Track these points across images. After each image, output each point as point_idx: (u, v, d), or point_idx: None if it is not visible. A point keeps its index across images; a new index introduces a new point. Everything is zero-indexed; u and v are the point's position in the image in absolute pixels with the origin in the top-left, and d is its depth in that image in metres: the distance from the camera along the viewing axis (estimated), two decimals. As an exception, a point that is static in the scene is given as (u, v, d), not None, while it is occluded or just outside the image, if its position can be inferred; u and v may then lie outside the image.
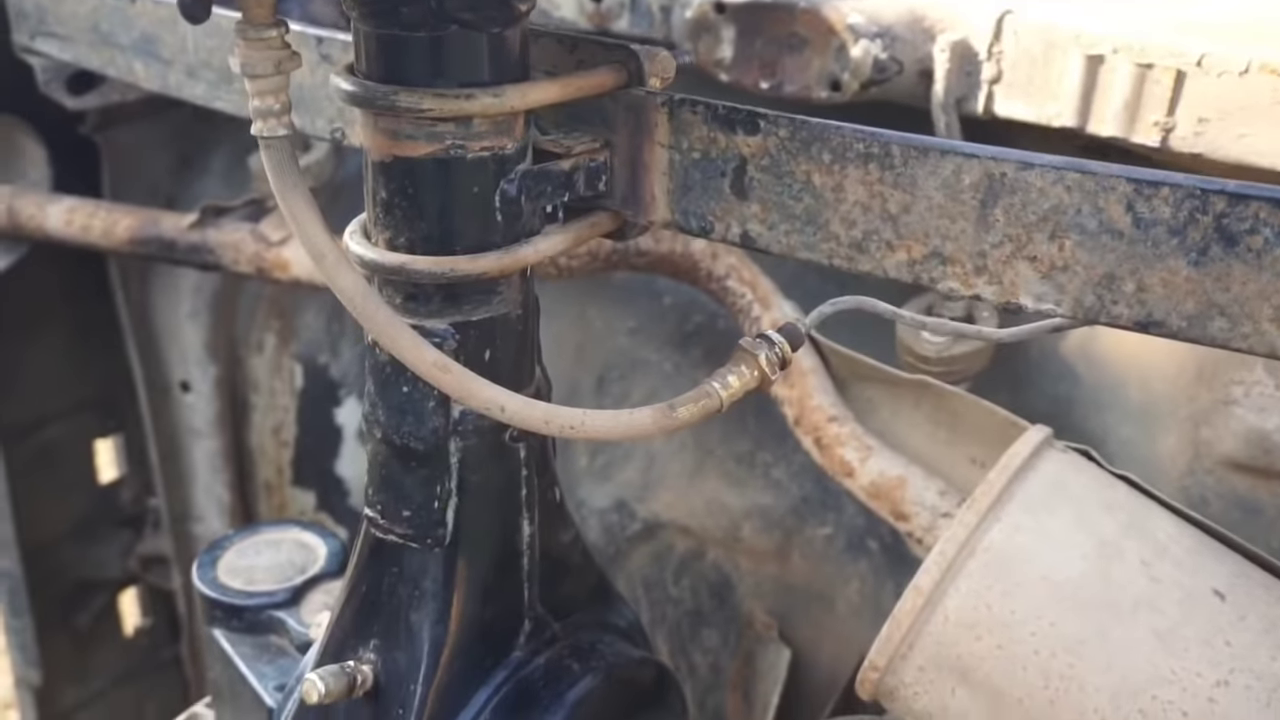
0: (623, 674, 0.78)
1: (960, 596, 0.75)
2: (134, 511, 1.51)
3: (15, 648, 1.42)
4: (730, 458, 1.12)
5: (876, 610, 1.11)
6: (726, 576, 1.17)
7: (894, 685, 0.78)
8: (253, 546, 0.94)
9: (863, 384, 0.98)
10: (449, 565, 0.70)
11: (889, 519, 0.90)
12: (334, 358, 1.28)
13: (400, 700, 0.71)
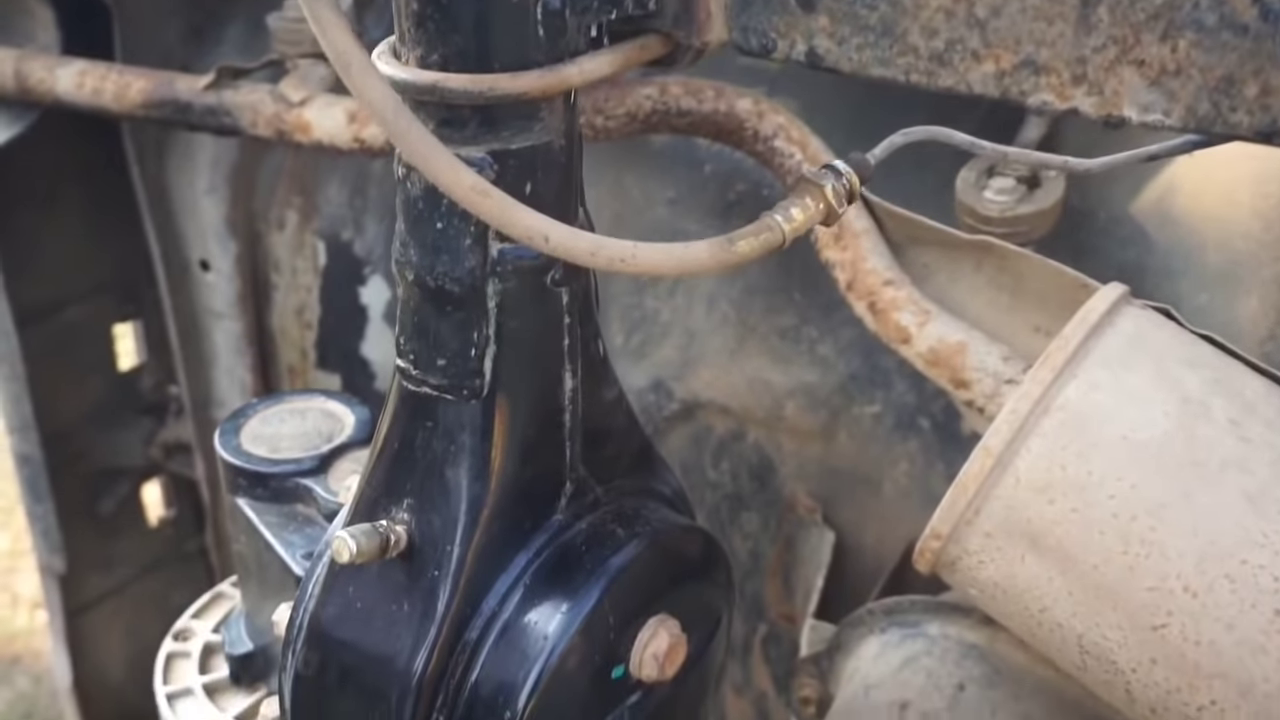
0: (668, 542, 0.74)
1: (1033, 457, 0.70)
2: (155, 399, 1.47)
3: (38, 534, 1.39)
4: (774, 333, 1.07)
5: (925, 492, 1.06)
6: (768, 458, 1.12)
7: (957, 555, 0.74)
8: (277, 415, 0.90)
9: (918, 248, 0.92)
10: (487, 418, 0.66)
11: (948, 387, 0.85)
12: (358, 234, 1.23)
13: (436, 562, 0.67)
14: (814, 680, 1.02)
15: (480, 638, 0.68)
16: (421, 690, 0.67)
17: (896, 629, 0.96)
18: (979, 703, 0.87)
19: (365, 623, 0.69)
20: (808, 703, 1.02)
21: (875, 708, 0.89)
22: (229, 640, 0.93)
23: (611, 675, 0.70)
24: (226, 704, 0.92)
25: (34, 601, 2.76)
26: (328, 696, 0.70)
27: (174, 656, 0.97)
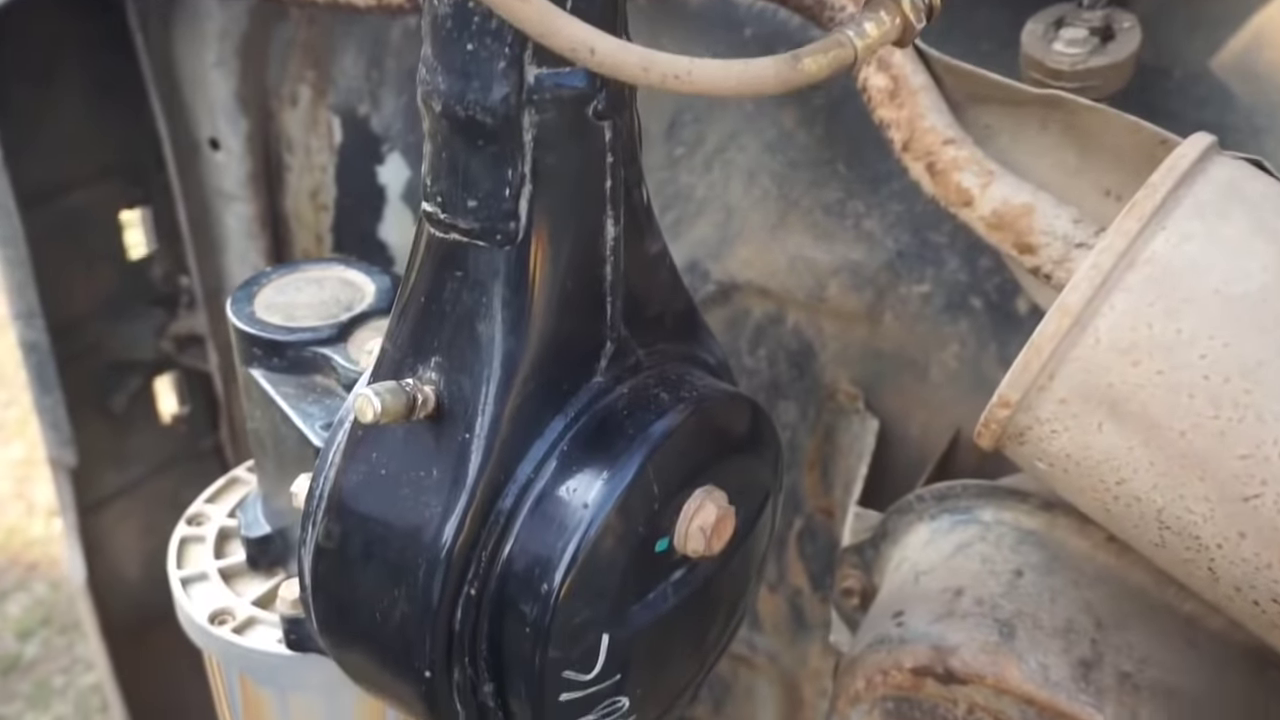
0: (715, 409, 0.69)
1: (1115, 315, 0.64)
2: (166, 290, 1.42)
3: (47, 426, 1.35)
4: (817, 208, 1.01)
5: (976, 376, 1.01)
6: (808, 343, 1.07)
7: (1027, 424, 0.68)
8: (293, 283, 0.84)
9: (979, 108, 0.85)
10: (521, 266, 0.60)
11: (1012, 253, 0.78)
12: (375, 109, 1.16)
13: (466, 424, 0.62)
14: (857, 571, 0.97)
15: (514, 507, 0.63)
16: (451, 562, 0.62)
17: (947, 515, 0.91)
18: (1037, 589, 0.82)
19: (391, 491, 0.64)
20: (850, 594, 0.98)
21: (927, 594, 0.84)
22: (245, 523, 0.89)
23: (655, 548, 0.66)
24: (243, 589, 0.88)
25: (50, 509, 2.74)
26: (350, 570, 0.66)
27: (187, 541, 0.93)
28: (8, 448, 3.00)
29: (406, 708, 0.69)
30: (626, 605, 0.65)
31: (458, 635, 0.64)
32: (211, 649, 0.86)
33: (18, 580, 2.58)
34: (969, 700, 0.80)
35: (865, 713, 0.84)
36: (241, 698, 0.88)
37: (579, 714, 0.66)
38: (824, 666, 1.25)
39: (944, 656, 0.79)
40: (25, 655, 2.40)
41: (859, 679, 0.83)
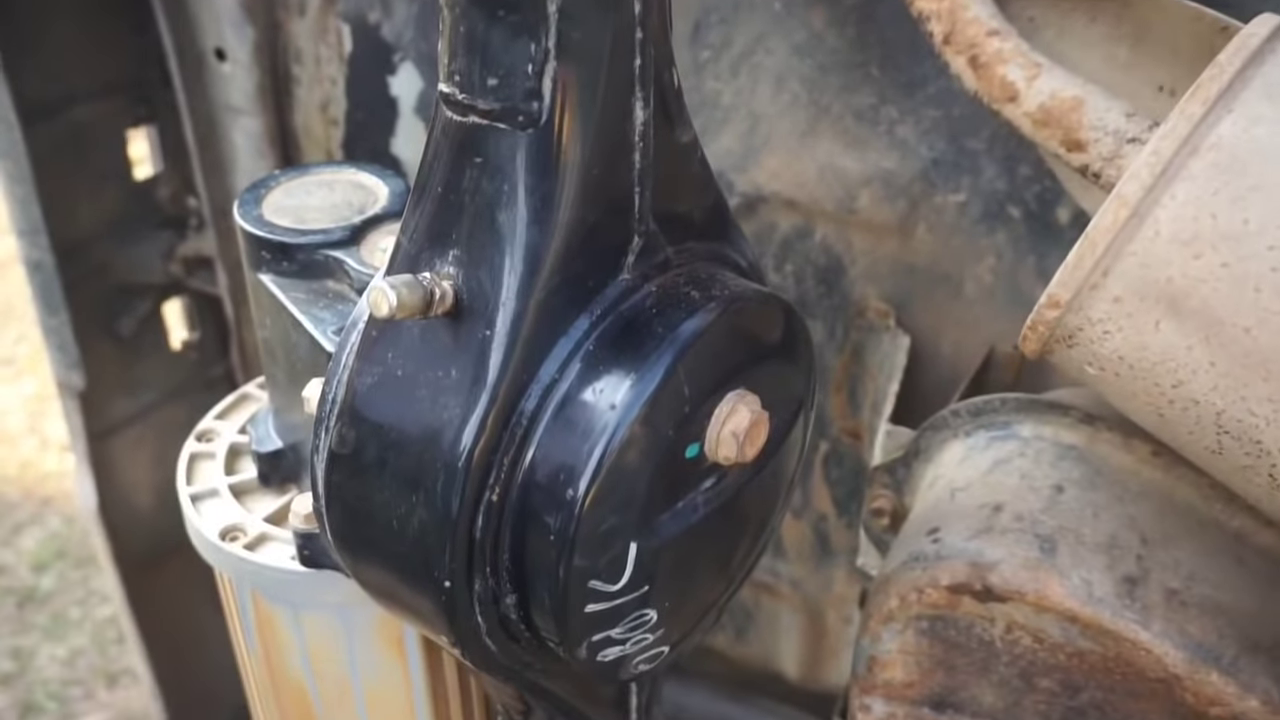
0: (748, 310, 0.65)
1: (1177, 205, 0.60)
2: (173, 212, 1.38)
3: (54, 348, 1.32)
4: (849, 114, 0.97)
5: (1012, 290, 0.97)
6: (837, 258, 1.03)
7: (1077, 326, 0.65)
8: (303, 186, 0.80)
9: (1022, 1, 0.81)
10: (545, 151, 0.56)
11: (1059, 151, 0.74)
12: (386, 16, 1.11)
13: (487, 320, 0.58)
14: (887, 491, 0.94)
15: (537, 409, 0.60)
16: (471, 467, 0.59)
17: (984, 431, 0.87)
18: (1079, 505, 0.79)
19: (407, 392, 0.61)
20: (880, 514, 0.95)
21: (963, 511, 0.81)
22: (256, 438, 0.86)
23: (685, 454, 0.62)
24: (254, 506, 0.85)
25: (63, 444, 2.73)
26: (365, 478, 0.62)
27: (197, 458, 0.90)
28: (20, 383, 2.99)
29: (425, 622, 0.66)
30: (655, 514, 0.62)
31: (478, 544, 0.61)
32: (223, 566, 0.83)
33: (32, 514, 2.58)
34: (1007, 619, 0.77)
35: (898, 632, 0.82)
36: (254, 617, 0.85)
37: (605, 626, 0.63)
38: (848, 593, 1.23)
39: (983, 573, 0.76)
40: (41, 588, 2.40)
41: (892, 597, 0.80)
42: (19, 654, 2.26)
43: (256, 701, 0.93)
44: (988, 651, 0.80)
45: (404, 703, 0.87)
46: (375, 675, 0.86)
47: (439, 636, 0.66)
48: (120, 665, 2.23)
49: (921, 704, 0.85)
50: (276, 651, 0.87)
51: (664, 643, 0.68)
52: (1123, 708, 0.77)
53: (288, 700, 0.89)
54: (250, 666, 0.91)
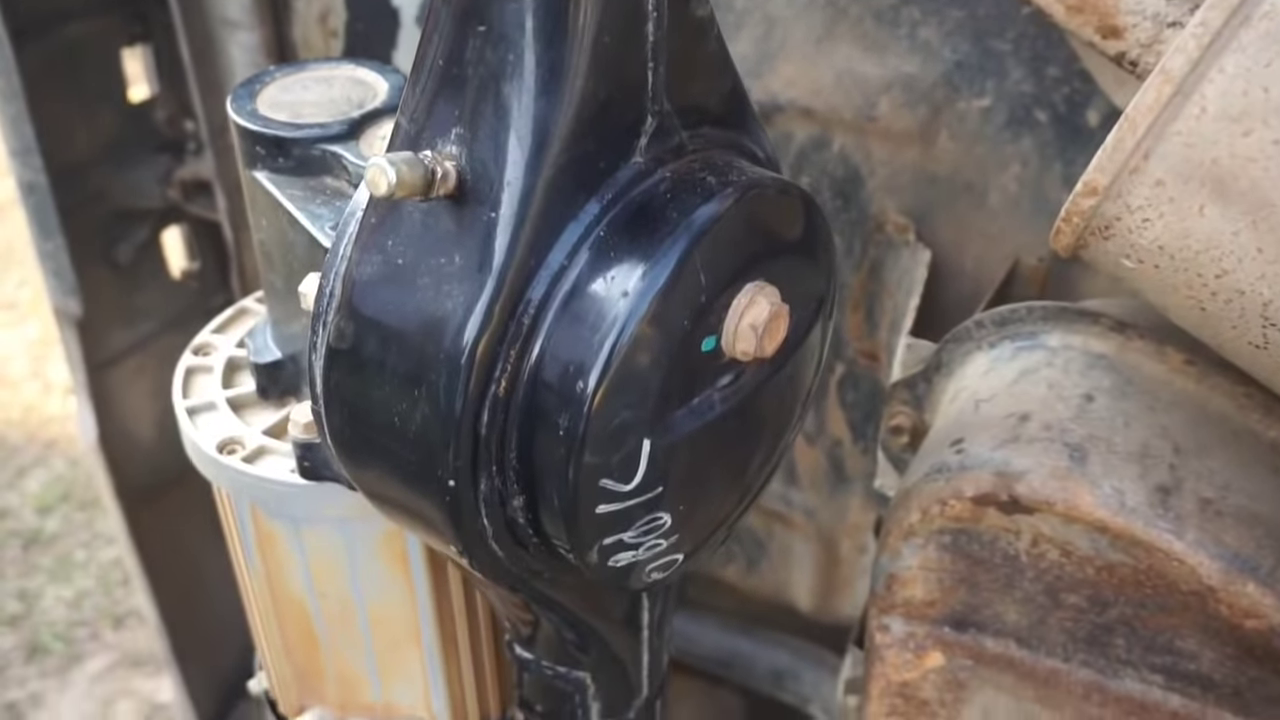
0: (767, 199, 0.62)
1: (1226, 79, 0.56)
2: (171, 135, 1.35)
3: (50, 274, 1.29)
4: (868, 15, 0.93)
5: (1038, 199, 0.93)
6: (855, 169, 0.99)
7: (1115, 214, 0.61)
8: (299, 82, 0.77)
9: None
10: (554, 16, 0.53)
11: (1094, 38, 0.70)
12: (387, -78, 1.07)
13: (492, 201, 0.55)
14: (907, 407, 0.91)
15: (545, 298, 0.57)
16: (475, 360, 0.56)
17: (1009, 342, 0.84)
18: (1110, 414, 0.76)
19: (408, 281, 0.57)
20: (899, 432, 0.91)
21: (988, 421, 0.78)
22: (254, 349, 0.83)
23: (701, 348, 0.59)
24: (253, 419, 0.83)
25: (66, 388, 2.71)
26: (365, 373, 0.59)
27: (194, 371, 0.87)
28: (23, 327, 2.97)
29: (429, 527, 0.63)
30: (670, 410, 0.59)
31: (484, 441, 0.58)
32: (220, 480, 0.80)
33: (36, 456, 2.56)
34: (1034, 531, 0.74)
35: (919, 547, 0.79)
36: (254, 534, 0.83)
37: (617, 528, 0.60)
38: (863, 521, 1.20)
39: (1009, 483, 0.73)
40: (46, 530, 2.38)
41: (913, 511, 0.78)
42: (25, 596, 2.25)
43: (258, 622, 0.91)
44: (1012, 567, 0.77)
45: (408, 621, 0.85)
46: (379, 592, 0.83)
47: (444, 544, 0.64)
48: (126, 607, 2.22)
49: (942, 623, 0.82)
50: (277, 569, 0.84)
51: (678, 550, 0.65)
52: (1153, 623, 0.74)
53: (289, 620, 0.87)
54: (251, 586, 0.88)
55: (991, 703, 0.85)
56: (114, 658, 2.14)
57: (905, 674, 0.86)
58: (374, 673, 0.88)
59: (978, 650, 0.82)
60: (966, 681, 0.85)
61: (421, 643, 0.87)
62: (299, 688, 0.92)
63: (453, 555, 0.64)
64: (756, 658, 1.37)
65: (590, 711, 0.81)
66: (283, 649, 0.90)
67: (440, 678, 0.89)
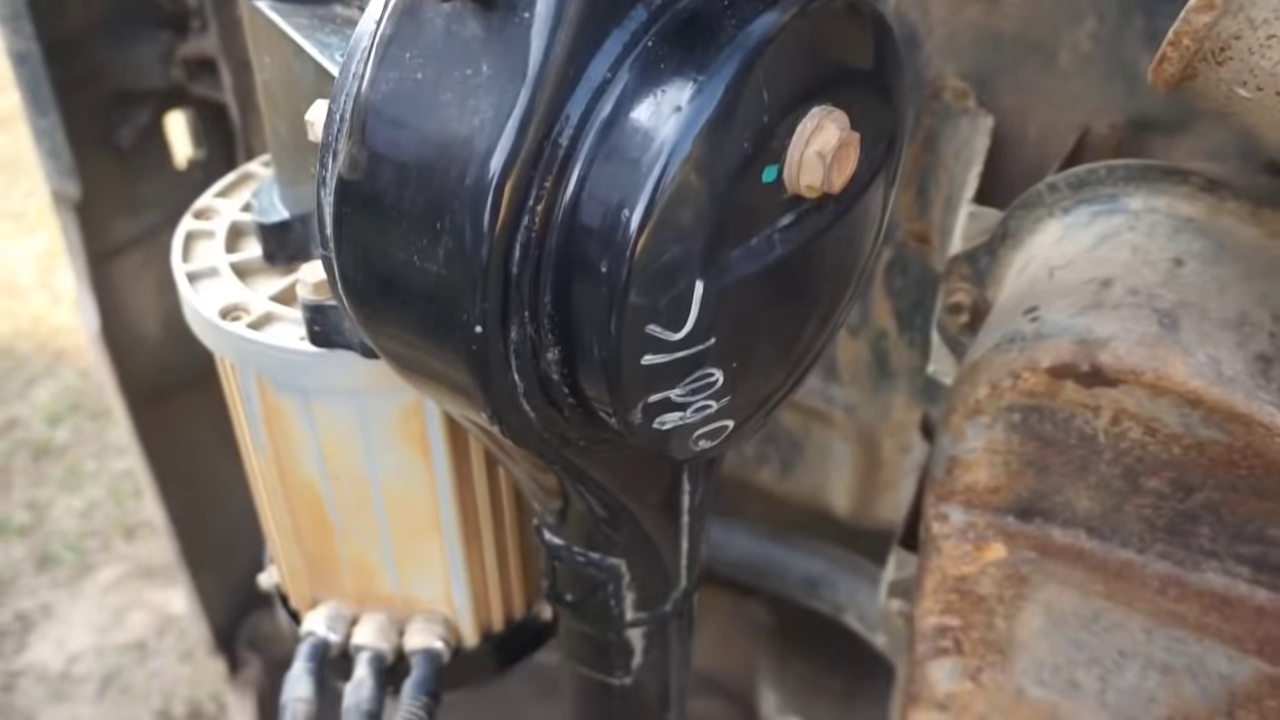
0: (833, 16, 0.54)
1: None
2: (172, 9, 1.27)
3: (46, 155, 1.22)
4: None
5: (1113, 61, 0.85)
6: (911, 29, 0.91)
7: (1234, 32, 0.54)
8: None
9: None
10: None
11: None
12: None
13: (524, 1, 0.48)
14: (967, 284, 0.84)
15: (585, 115, 0.50)
16: (506, 186, 0.49)
17: (1085, 206, 0.77)
18: (1202, 279, 0.69)
19: (430, 98, 0.50)
20: (958, 310, 0.84)
21: (1067, 287, 0.71)
22: (259, 209, 0.76)
23: (762, 178, 0.52)
24: (258, 286, 0.76)
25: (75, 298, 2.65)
26: (381, 207, 0.52)
27: (194, 236, 0.80)
28: (30, 238, 2.91)
29: (453, 389, 0.57)
30: (725, 248, 0.52)
31: (515, 281, 0.51)
32: (224, 350, 0.74)
33: (45, 367, 2.51)
34: (1115, 407, 0.67)
35: (985, 427, 0.72)
36: (262, 409, 0.76)
37: (664, 384, 0.54)
38: (907, 419, 1.13)
39: (1092, 351, 0.66)
40: (55, 440, 2.34)
41: (981, 386, 0.71)
42: (35, 506, 2.21)
43: (267, 509, 0.85)
44: (1088, 448, 0.70)
45: (428, 506, 0.79)
46: (396, 474, 0.77)
47: (469, 406, 0.57)
48: (138, 518, 2.18)
49: (1006, 512, 0.76)
50: (287, 449, 0.78)
51: (727, 415, 0.59)
52: (1244, 509, 0.68)
53: (301, 505, 0.81)
54: (259, 469, 0.82)
55: (1055, 599, 0.79)
56: (126, 568, 2.10)
57: (963, 567, 0.80)
58: (391, 563, 0.83)
59: (1043, 541, 0.76)
60: (1029, 576, 0.78)
61: (442, 531, 0.81)
62: (312, 580, 0.87)
63: (479, 420, 0.58)
64: (789, 565, 1.31)
65: (624, 602, 0.75)
66: (294, 538, 0.84)
67: (462, 570, 0.83)
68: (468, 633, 0.87)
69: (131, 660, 1.94)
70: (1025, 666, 0.83)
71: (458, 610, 0.86)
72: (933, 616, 0.83)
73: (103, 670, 1.93)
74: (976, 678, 0.85)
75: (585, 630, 0.78)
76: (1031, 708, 0.84)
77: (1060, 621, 0.80)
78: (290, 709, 0.79)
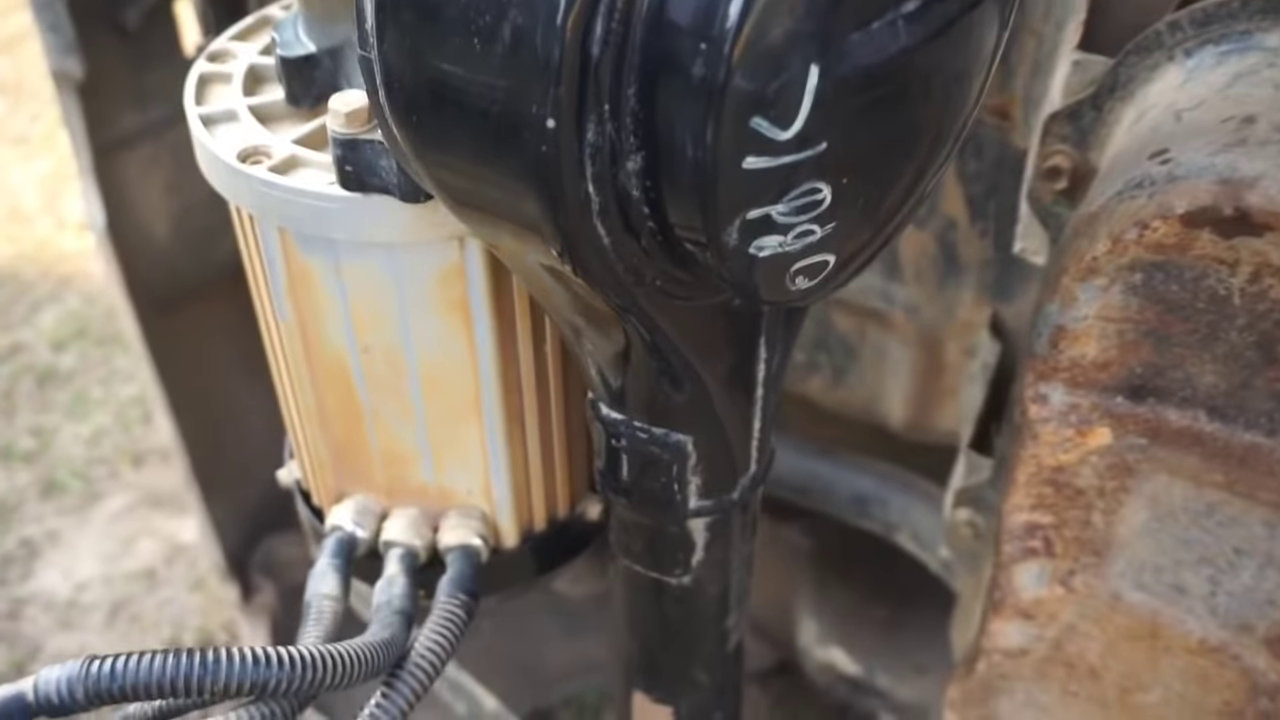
0: None
1: None
2: (182, -119, 1.18)
3: (46, 29, 1.14)
4: None
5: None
6: None
7: None
8: None
9: None
10: None
11: None
12: None
13: None
14: (1068, 145, 0.75)
15: None
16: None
17: (1211, 47, 0.68)
18: (1358, 119, 0.60)
19: None
20: (1055, 175, 0.76)
21: (1200, 127, 0.62)
22: (282, 42, 0.67)
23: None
24: (281, 131, 0.68)
25: (80, 224, 2.57)
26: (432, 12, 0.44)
27: (209, 79, 0.72)
28: (35, 163, 2.82)
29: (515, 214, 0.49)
30: (845, 27, 0.44)
31: (595, 65, 0.43)
32: (243, 199, 0.66)
33: (50, 292, 2.43)
34: (1258, 259, 0.59)
35: (1101, 290, 0.64)
36: (285, 273, 0.69)
37: (766, 196, 0.46)
38: (974, 318, 1.05)
39: (1238, 191, 0.58)
40: (61, 366, 2.27)
41: (1100, 241, 0.62)
42: (40, 432, 2.14)
43: (289, 391, 0.77)
44: (1218, 312, 0.62)
45: (467, 385, 0.71)
46: (433, 347, 0.70)
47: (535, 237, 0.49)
48: (147, 445, 2.11)
49: (1115, 391, 0.68)
50: (313, 319, 0.70)
51: (829, 248, 0.50)
52: (1399, 379, 0.60)
53: (327, 384, 0.73)
54: (281, 345, 0.74)
55: (1163, 492, 0.71)
56: (134, 496, 2.03)
57: (1061, 456, 0.72)
58: (426, 449, 0.75)
59: (1156, 424, 0.68)
60: (1135, 465, 0.70)
61: (482, 412, 0.73)
62: (337, 472, 0.79)
63: (545, 258, 0.50)
64: (836, 482, 1.23)
65: (688, 487, 0.67)
66: (319, 423, 0.76)
67: (503, 457, 0.76)
68: (507, 530, 0.80)
69: (141, 589, 1.88)
70: (1123, 568, 0.75)
71: (497, 504, 0.78)
72: (1022, 513, 0.76)
73: (111, 598, 1.86)
74: (1067, 582, 0.77)
75: (642, 521, 0.71)
76: (1128, 614, 0.77)
77: (1167, 517, 0.72)
78: (315, 605, 0.72)
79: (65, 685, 0.57)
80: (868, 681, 1.34)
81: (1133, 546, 0.74)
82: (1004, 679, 0.85)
